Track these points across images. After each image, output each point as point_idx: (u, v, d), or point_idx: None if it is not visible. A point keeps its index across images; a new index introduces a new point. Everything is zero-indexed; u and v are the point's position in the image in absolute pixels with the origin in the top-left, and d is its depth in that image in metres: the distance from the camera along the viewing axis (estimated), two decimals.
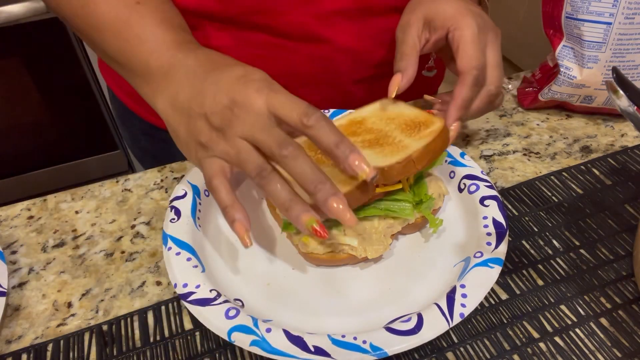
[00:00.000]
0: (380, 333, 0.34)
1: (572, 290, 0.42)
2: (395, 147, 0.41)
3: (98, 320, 0.41)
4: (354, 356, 0.33)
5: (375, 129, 0.44)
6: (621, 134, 0.57)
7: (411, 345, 0.33)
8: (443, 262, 0.42)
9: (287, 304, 0.40)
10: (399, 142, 0.41)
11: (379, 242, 0.41)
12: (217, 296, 0.36)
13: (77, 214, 0.50)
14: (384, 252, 0.41)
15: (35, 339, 0.40)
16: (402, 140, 0.41)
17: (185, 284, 0.37)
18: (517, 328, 0.39)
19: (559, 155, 0.55)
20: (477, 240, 0.41)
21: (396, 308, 0.38)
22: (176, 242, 0.40)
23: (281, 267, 0.43)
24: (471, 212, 0.44)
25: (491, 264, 0.38)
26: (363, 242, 0.41)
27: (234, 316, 0.35)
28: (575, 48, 0.54)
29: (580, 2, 0.51)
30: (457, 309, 0.35)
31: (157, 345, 0.39)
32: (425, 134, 0.41)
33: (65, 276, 0.45)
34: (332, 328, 0.37)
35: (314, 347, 0.33)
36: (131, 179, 0.54)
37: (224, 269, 0.42)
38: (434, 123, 0.42)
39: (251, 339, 0.34)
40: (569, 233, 0.46)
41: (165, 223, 0.42)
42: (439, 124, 0.42)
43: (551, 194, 0.50)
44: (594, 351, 0.38)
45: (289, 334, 0.34)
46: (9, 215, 0.50)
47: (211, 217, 0.46)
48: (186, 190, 0.44)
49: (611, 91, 0.37)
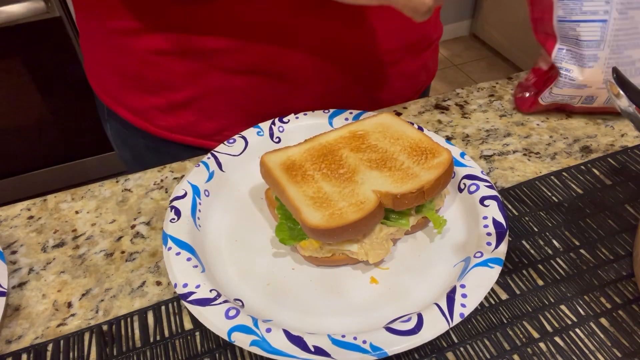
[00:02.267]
0: (380, 333, 0.34)
1: (572, 290, 0.42)
2: (404, 174, 0.42)
3: (98, 320, 0.41)
4: (354, 356, 0.33)
5: (380, 147, 0.45)
6: (621, 134, 0.57)
7: (411, 345, 0.33)
8: (443, 262, 0.42)
9: (287, 303, 0.40)
10: (408, 169, 0.42)
11: (380, 247, 0.41)
12: (217, 296, 0.36)
13: (77, 214, 0.50)
14: (385, 256, 0.42)
15: (35, 339, 0.40)
16: (411, 167, 0.42)
17: (185, 284, 0.37)
18: (517, 328, 0.39)
19: (559, 155, 0.55)
20: (477, 240, 0.41)
21: (396, 308, 0.38)
22: (176, 242, 0.40)
23: (281, 267, 0.43)
24: (471, 212, 0.44)
25: (491, 264, 0.38)
26: (363, 247, 0.41)
27: (234, 316, 0.35)
28: (572, 49, 0.54)
29: (572, 4, 0.52)
30: (457, 309, 0.35)
31: (157, 345, 0.39)
32: (434, 165, 0.42)
33: (65, 276, 0.45)
34: (332, 328, 0.37)
35: (314, 347, 0.33)
36: (131, 179, 0.54)
37: (223, 269, 0.42)
38: (441, 154, 0.43)
39: (251, 339, 0.34)
40: (569, 233, 0.46)
41: (165, 223, 0.42)
42: (446, 155, 0.43)
43: (551, 194, 0.50)
44: (593, 351, 0.38)
45: (289, 334, 0.34)
46: (9, 215, 0.50)
47: (211, 217, 0.46)
48: (186, 191, 0.45)
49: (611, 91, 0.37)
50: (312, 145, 0.46)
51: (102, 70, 0.62)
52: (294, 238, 0.41)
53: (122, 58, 0.57)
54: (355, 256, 0.41)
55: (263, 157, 0.44)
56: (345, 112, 0.53)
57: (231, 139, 0.51)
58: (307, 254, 0.41)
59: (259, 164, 0.45)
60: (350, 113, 0.53)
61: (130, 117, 0.63)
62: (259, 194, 0.49)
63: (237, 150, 0.50)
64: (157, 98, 0.58)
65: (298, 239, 0.41)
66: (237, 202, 0.48)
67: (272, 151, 0.45)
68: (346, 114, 0.53)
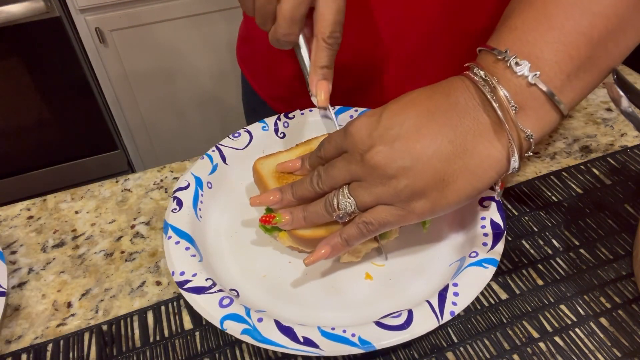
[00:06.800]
0: (369, 327, 0.34)
1: (572, 290, 0.42)
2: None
3: (98, 320, 0.41)
4: (342, 348, 0.33)
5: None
6: (621, 134, 0.57)
7: (400, 340, 0.34)
8: (439, 261, 0.42)
9: (282, 296, 0.40)
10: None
11: (353, 251, 0.41)
12: (213, 285, 0.37)
13: (76, 214, 0.50)
14: (355, 261, 0.42)
15: (35, 339, 0.40)
16: None
17: (182, 272, 0.38)
18: (517, 328, 0.39)
19: (559, 155, 0.55)
20: (474, 240, 0.41)
21: (390, 304, 0.39)
22: (176, 232, 0.41)
23: (278, 260, 0.43)
24: (469, 213, 0.44)
25: (485, 264, 0.38)
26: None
27: (227, 305, 0.36)
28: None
29: None
30: (447, 307, 0.35)
31: (157, 345, 0.39)
32: None
33: (65, 276, 0.45)
34: (325, 321, 0.37)
35: (303, 338, 0.34)
36: (131, 179, 0.54)
37: (221, 260, 0.42)
38: None
39: (242, 327, 0.34)
40: (569, 233, 0.46)
41: (167, 212, 0.42)
42: None
43: (551, 194, 0.50)
44: (593, 351, 0.38)
45: (279, 324, 0.34)
46: (9, 215, 0.50)
47: (212, 209, 0.46)
48: (189, 182, 0.45)
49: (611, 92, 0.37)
50: (303, 149, 0.46)
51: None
52: (275, 229, 0.42)
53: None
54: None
55: (255, 163, 0.45)
56: (351, 110, 0.53)
57: (236, 132, 0.51)
58: (287, 245, 0.42)
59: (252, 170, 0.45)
60: (355, 110, 0.53)
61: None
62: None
63: (242, 144, 0.50)
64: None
65: (278, 230, 0.42)
66: (239, 195, 0.48)
67: (264, 157, 0.45)
68: (351, 111, 0.53)
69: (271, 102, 0.67)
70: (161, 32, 1.39)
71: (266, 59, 0.63)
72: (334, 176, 0.37)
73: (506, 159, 0.33)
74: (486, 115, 0.33)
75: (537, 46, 0.33)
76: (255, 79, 0.67)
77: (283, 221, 0.39)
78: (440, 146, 0.33)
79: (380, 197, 0.35)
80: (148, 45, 1.40)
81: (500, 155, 0.33)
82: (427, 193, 0.34)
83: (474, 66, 0.34)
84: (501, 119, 0.32)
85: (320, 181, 0.38)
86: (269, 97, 0.67)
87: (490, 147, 0.33)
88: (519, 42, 0.33)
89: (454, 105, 0.34)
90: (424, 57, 0.55)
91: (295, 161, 0.43)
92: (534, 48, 0.33)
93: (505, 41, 0.34)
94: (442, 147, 0.33)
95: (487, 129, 0.33)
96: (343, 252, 0.39)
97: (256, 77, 0.67)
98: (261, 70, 0.65)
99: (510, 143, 0.33)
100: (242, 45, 0.69)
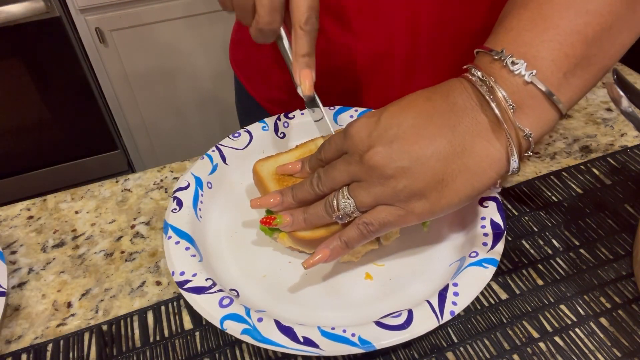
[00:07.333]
0: (369, 327, 0.34)
1: (572, 290, 0.42)
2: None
3: (98, 320, 0.41)
4: (342, 348, 0.33)
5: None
6: (621, 134, 0.57)
7: (399, 340, 0.34)
8: (439, 261, 0.42)
9: (282, 296, 0.40)
10: None
11: (353, 251, 0.41)
12: (213, 285, 0.37)
13: (76, 214, 0.50)
14: (355, 261, 0.42)
15: (35, 339, 0.40)
16: None
17: (182, 272, 0.38)
18: (517, 328, 0.39)
19: (559, 155, 0.55)
20: (474, 240, 0.41)
21: (391, 305, 0.39)
22: (176, 232, 0.41)
23: (278, 260, 0.43)
24: (469, 213, 0.44)
25: (485, 264, 0.38)
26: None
27: (227, 305, 0.36)
28: None
29: None
30: (447, 306, 0.35)
31: (157, 345, 0.39)
32: None
33: (65, 276, 0.45)
34: (325, 321, 0.37)
35: (303, 337, 0.34)
36: (131, 179, 0.54)
37: (221, 260, 0.42)
38: None
39: (242, 327, 0.34)
40: (569, 233, 0.46)
41: (167, 212, 0.42)
42: None
43: (551, 194, 0.50)
44: (593, 351, 0.38)
45: (279, 324, 0.34)
46: (9, 215, 0.50)
47: (212, 209, 0.46)
48: (189, 182, 0.45)
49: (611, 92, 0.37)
50: (302, 152, 0.46)
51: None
52: (275, 230, 0.42)
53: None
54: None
55: (255, 165, 0.45)
56: (351, 110, 0.53)
57: (236, 132, 0.51)
58: (287, 245, 0.42)
59: (252, 172, 0.45)
60: (355, 110, 0.53)
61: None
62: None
63: (242, 144, 0.50)
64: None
65: (278, 231, 0.42)
66: (239, 195, 0.48)
67: (263, 158, 0.45)
68: (351, 112, 0.53)
69: (266, 104, 0.66)
70: (161, 32, 1.39)
71: (260, 62, 0.63)
72: (334, 177, 0.37)
73: (505, 158, 0.33)
74: (484, 115, 0.33)
75: (533, 46, 0.33)
76: (250, 82, 0.67)
77: (283, 223, 0.39)
78: (438, 146, 0.33)
79: (380, 197, 0.35)
80: (148, 45, 1.40)
81: (500, 155, 0.33)
82: (427, 193, 0.34)
83: (471, 67, 0.35)
84: (499, 119, 0.32)
85: (320, 183, 0.38)
86: (264, 100, 0.66)
87: (489, 147, 0.33)
88: (515, 43, 0.33)
89: (452, 106, 0.34)
90: (423, 57, 0.55)
91: (295, 164, 0.43)
92: (530, 48, 0.33)
93: (501, 42, 0.34)
94: (441, 147, 0.33)
95: (486, 128, 0.33)
96: (342, 255, 0.39)
97: (250, 80, 0.67)
98: (255, 73, 0.65)
99: (509, 142, 0.33)
100: (235, 48, 0.68)
